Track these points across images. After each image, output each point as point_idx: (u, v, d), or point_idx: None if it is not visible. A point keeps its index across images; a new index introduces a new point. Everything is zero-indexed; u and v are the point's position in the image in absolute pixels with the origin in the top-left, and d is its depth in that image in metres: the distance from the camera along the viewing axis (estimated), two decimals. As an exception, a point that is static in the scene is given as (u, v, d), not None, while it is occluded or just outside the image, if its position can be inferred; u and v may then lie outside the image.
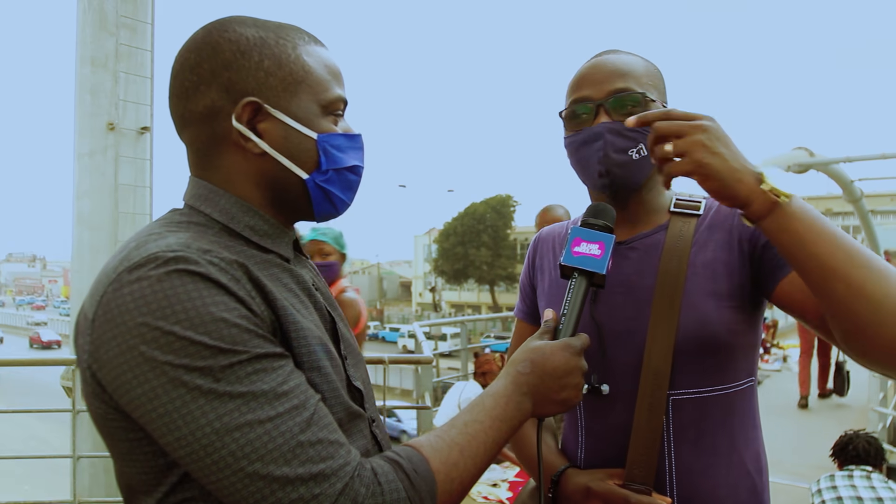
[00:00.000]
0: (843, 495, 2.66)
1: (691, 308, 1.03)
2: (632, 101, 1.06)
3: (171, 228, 0.78)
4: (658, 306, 1.04)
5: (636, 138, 1.05)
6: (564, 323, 0.96)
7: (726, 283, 1.04)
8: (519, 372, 0.89)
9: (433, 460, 0.77)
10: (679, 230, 1.10)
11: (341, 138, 0.86)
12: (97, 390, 0.73)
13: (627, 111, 1.05)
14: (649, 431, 1.02)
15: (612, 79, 1.07)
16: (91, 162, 3.39)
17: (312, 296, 0.87)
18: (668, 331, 1.02)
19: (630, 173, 1.06)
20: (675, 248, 1.08)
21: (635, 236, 1.13)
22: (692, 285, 1.05)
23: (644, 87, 1.07)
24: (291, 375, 0.72)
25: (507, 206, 43.61)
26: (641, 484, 1.02)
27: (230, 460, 0.67)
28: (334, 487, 0.69)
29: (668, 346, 1.02)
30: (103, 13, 3.37)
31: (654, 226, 1.13)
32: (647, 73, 1.10)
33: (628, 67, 1.08)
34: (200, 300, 0.68)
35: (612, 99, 1.06)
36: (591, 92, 1.08)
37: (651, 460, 1.02)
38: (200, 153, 0.85)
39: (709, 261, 1.06)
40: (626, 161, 1.05)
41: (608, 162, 1.06)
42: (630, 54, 1.12)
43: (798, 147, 14.85)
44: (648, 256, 1.10)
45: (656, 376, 1.02)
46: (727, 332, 1.03)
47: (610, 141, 1.05)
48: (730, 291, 1.04)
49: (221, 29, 0.82)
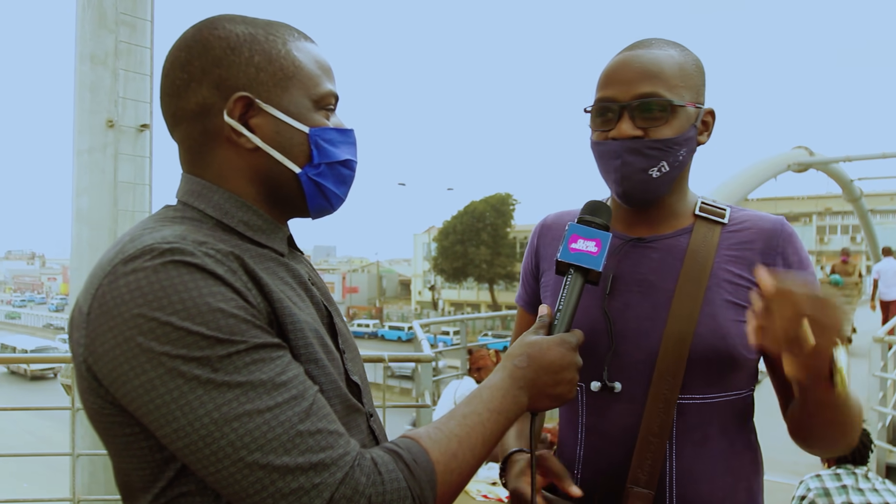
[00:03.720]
0: (855, 502, 2.62)
1: (710, 317, 1.02)
2: (657, 106, 1.02)
3: (166, 223, 0.78)
4: (677, 310, 1.03)
5: (657, 156, 1.02)
6: (559, 319, 0.97)
7: (747, 299, 1.03)
8: (516, 366, 0.90)
9: (432, 451, 0.77)
10: (704, 236, 1.08)
11: (333, 132, 0.87)
12: (93, 385, 0.72)
13: (653, 116, 1.02)
14: (657, 436, 1.02)
15: (640, 81, 1.02)
16: (90, 159, 3.39)
17: (308, 290, 0.86)
18: (684, 335, 1.02)
19: (649, 190, 1.05)
20: (698, 254, 1.06)
21: (657, 236, 1.11)
22: (713, 294, 1.04)
23: (673, 91, 1.03)
24: (290, 366, 0.72)
25: (507, 204, 43.57)
26: (644, 487, 1.01)
27: (229, 450, 0.66)
28: (334, 477, 0.69)
29: (684, 352, 1.01)
30: (103, 10, 3.37)
31: (677, 228, 1.11)
32: (681, 72, 1.05)
33: (658, 67, 1.03)
34: (197, 290, 0.68)
35: (637, 103, 1.02)
36: (616, 92, 1.04)
37: (656, 464, 1.02)
38: (193, 150, 0.85)
39: (733, 273, 1.05)
40: (646, 179, 1.03)
41: (626, 183, 1.04)
42: (665, 48, 1.06)
43: (798, 146, 14.84)
44: (670, 258, 1.08)
45: (669, 380, 1.02)
46: (741, 346, 1.02)
47: (628, 161, 1.03)
48: (747, 307, 1.03)
49: (211, 26, 0.83)
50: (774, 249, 1.07)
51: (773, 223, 1.09)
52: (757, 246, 1.07)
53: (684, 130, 1.04)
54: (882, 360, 5.32)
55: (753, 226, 1.09)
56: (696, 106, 1.06)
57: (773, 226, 1.09)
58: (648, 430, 1.02)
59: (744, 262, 1.07)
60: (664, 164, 1.03)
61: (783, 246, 1.07)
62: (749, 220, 1.11)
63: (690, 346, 1.01)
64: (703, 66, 1.11)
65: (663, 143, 1.02)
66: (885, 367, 5.37)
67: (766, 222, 1.10)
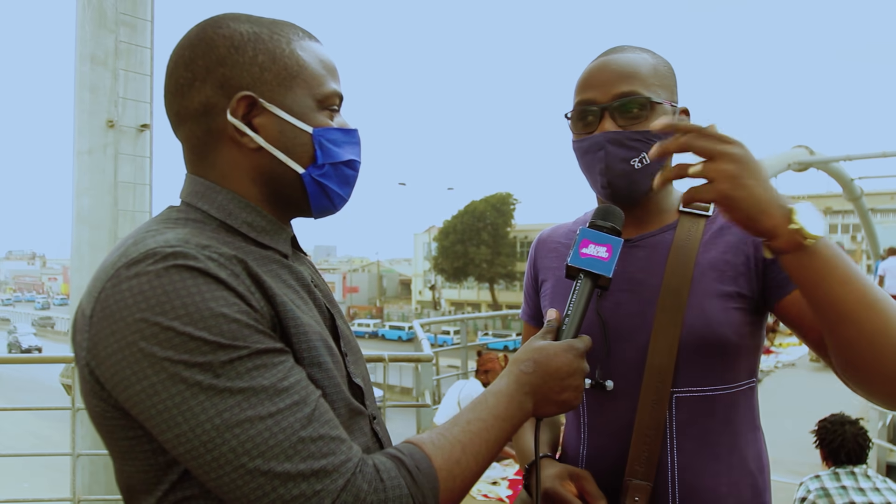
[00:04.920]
0: (857, 502, 2.61)
1: (697, 308, 1.03)
2: (637, 104, 1.04)
3: (169, 225, 0.77)
4: (664, 304, 1.04)
5: (638, 147, 1.04)
6: (567, 324, 0.96)
7: (733, 285, 1.05)
8: (522, 371, 0.89)
9: (435, 457, 0.76)
10: (688, 230, 1.10)
11: (337, 132, 0.86)
12: (95, 388, 0.72)
13: (633, 115, 1.05)
14: (652, 428, 1.03)
15: (618, 81, 1.05)
16: (91, 159, 3.38)
17: (312, 292, 0.86)
18: (673, 329, 1.03)
19: (632, 182, 1.06)
20: (683, 248, 1.08)
21: (643, 235, 1.13)
22: (699, 285, 1.05)
23: (650, 89, 1.06)
24: (292, 371, 0.72)
25: (507, 204, 43.64)
26: (643, 480, 1.02)
27: (231, 457, 0.66)
28: (336, 483, 0.68)
29: (673, 344, 1.02)
30: (103, 10, 3.37)
31: (662, 225, 1.13)
32: (655, 72, 1.08)
33: (634, 68, 1.06)
34: (200, 295, 0.68)
35: (617, 103, 1.05)
36: (595, 94, 1.07)
37: (653, 457, 1.03)
38: (196, 150, 0.84)
39: (717, 262, 1.06)
40: (628, 171, 1.05)
41: (610, 173, 1.05)
42: (638, 52, 1.11)
43: (798, 145, 14.85)
44: (656, 255, 1.10)
45: (660, 374, 1.03)
46: (732, 333, 1.03)
47: (611, 151, 1.04)
48: (735, 293, 1.04)
49: (215, 25, 0.82)
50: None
51: None
52: (735, 228, 1.07)
53: None
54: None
55: None
56: (672, 104, 1.09)
57: None
58: (642, 424, 1.03)
59: (724, 245, 1.07)
60: (645, 155, 1.05)
61: None
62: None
63: (680, 338, 1.02)
64: (674, 69, 1.14)
65: (643, 134, 1.04)
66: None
67: None
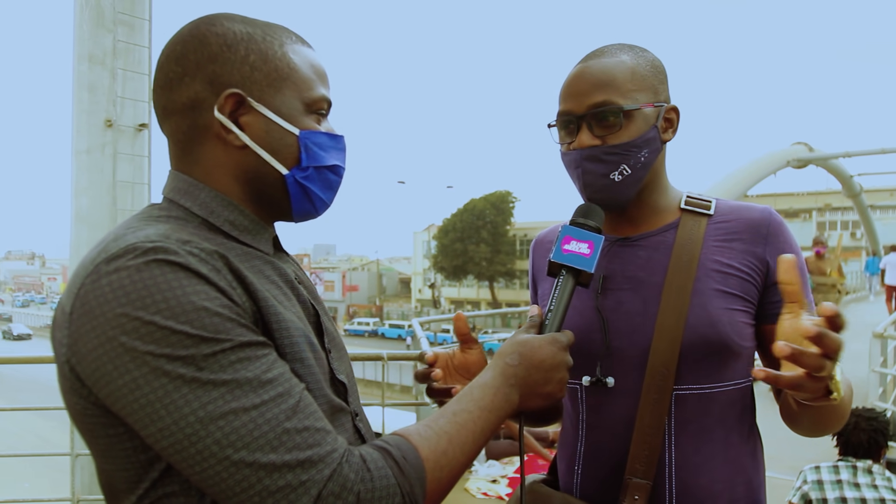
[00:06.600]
0: (848, 496, 2.61)
1: (700, 307, 1.04)
2: (611, 114, 1.05)
3: (150, 222, 0.77)
4: (667, 303, 1.05)
5: (616, 161, 1.05)
6: (550, 318, 0.97)
7: (736, 287, 1.06)
8: (507, 364, 0.89)
9: (422, 448, 0.76)
10: (690, 229, 1.10)
11: (323, 137, 0.87)
12: (76, 385, 0.72)
13: (609, 124, 1.05)
14: (652, 427, 1.03)
15: (592, 92, 1.05)
16: (89, 159, 3.39)
17: (295, 289, 0.86)
18: (675, 327, 1.03)
19: (615, 195, 1.07)
20: (685, 247, 1.08)
21: (643, 234, 1.13)
22: (702, 284, 1.05)
23: (627, 95, 1.05)
24: (275, 364, 0.72)
25: (507, 202, 43.62)
26: (642, 478, 1.02)
27: (215, 449, 0.66)
28: (322, 473, 0.68)
29: (675, 343, 1.03)
30: (101, 10, 3.37)
31: (663, 224, 1.13)
32: (633, 76, 1.07)
33: (609, 76, 1.06)
34: (181, 290, 0.68)
35: (592, 114, 1.05)
36: (572, 105, 1.07)
37: (653, 455, 1.03)
38: (181, 145, 0.85)
39: (722, 264, 1.07)
40: (608, 184, 1.06)
41: (590, 189, 1.07)
42: (617, 54, 1.09)
43: (797, 142, 14.84)
44: (658, 254, 1.10)
45: (662, 372, 1.03)
46: (734, 333, 1.04)
47: (588, 169, 1.06)
48: (738, 296, 1.06)
49: (209, 23, 0.83)
50: (763, 238, 1.08)
51: (761, 212, 1.11)
52: (744, 235, 1.09)
53: (643, 132, 1.06)
54: (881, 355, 5.34)
55: (741, 216, 1.11)
56: (654, 106, 1.08)
57: (761, 215, 1.11)
58: (643, 422, 1.04)
59: (732, 252, 1.08)
60: (624, 167, 1.06)
61: (771, 235, 1.09)
62: (736, 211, 1.12)
63: (682, 337, 1.03)
64: (663, 65, 1.13)
65: (620, 147, 1.05)
66: (885, 362, 5.38)
67: (753, 212, 1.11)
